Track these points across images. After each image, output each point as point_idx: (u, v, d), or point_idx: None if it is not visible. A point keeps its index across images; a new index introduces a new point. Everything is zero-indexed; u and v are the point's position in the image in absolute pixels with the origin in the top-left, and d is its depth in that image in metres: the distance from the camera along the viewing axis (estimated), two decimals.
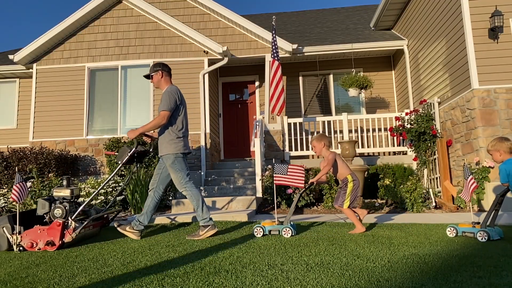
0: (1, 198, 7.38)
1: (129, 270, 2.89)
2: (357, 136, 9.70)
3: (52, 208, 4.14)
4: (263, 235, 4.16)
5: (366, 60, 10.74)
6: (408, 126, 7.88)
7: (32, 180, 7.18)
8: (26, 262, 3.37)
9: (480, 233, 3.65)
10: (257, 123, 8.49)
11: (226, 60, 9.34)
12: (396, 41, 9.82)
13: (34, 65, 9.65)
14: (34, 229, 3.97)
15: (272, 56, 8.88)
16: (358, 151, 8.79)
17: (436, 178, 7.47)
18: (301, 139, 9.34)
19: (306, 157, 9.29)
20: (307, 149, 9.09)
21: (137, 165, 4.63)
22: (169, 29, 9.53)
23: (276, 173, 4.35)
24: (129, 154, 4.36)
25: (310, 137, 8.86)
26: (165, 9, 9.70)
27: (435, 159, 7.56)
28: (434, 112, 7.94)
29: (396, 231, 4.28)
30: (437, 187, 7.37)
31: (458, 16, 6.95)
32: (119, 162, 4.39)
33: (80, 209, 4.15)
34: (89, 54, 9.62)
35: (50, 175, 7.76)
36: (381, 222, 5.12)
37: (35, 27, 49.92)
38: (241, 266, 2.83)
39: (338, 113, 10.45)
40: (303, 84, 10.97)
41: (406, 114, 8.07)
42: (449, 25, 7.36)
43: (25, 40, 46.94)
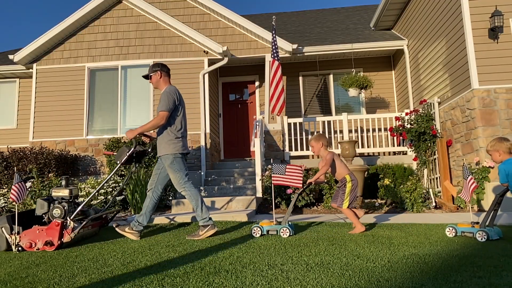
0: (1, 198, 7.38)
1: (129, 270, 2.89)
2: (357, 136, 9.70)
3: (51, 208, 4.13)
4: (262, 235, 4.16)
5: (366, 60, 10.74)
6: (408, 126, 7.88)
7: (32, 180, 7.18)
8: (26, 262, 3.37)
9: (479, 233, 3.65)
10: (257, 123, 8.49)
11: (226, 60, 9.35)
12: (396, 41, 9.82)
13: (34, 65, 9.65)
14: (33, 229, 3.97)
15: (272, 56, 8.88)
16: (358, 151, 8.79)
17: (436, 178, 7.48)
18: (301, 139, 9.33)
19: (306, 157, 9.29)
20: (307, 149, 9.08)
21: (136, 165, 4.64)
22: (169, 29, 9.54)
23: (274, 173, 4.35)
24: (127, 154, 4.37)
25: (310, 137, 8.86)
26: (165, 9, 9.70)
27: (435, 159, 7.56)
28: (434, 112, 7.94)
29: (396, 231, 4.28)
30: (437, 187, 7.37)
31: (458, 16, 6.95)
32: (118, 162, 4.39)
33: (79, 209, 4.15)
34: (89, 54, 9.62)
35: (50, 175, 7.76)
36: (381, 222, 5.12)
37: (35, 27, 49.95)
38: (241, 266, 2.83)
39: (338, 113, 10.45)
40: (303, 84, 10.97)
41: (406, 114, 8.07)
42: (449, 25, 7.36)
43: (25, 40, 46.96)
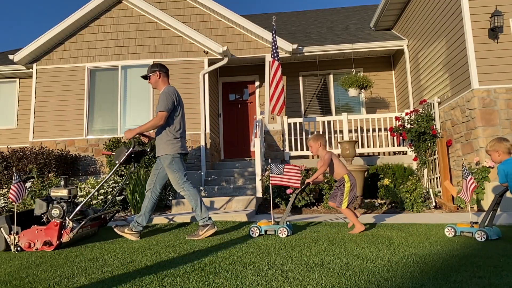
0: (1, 198, 7.38)
1: (129, 270, 2.89)
2: (357, 136, 9.70)
3: (49, 208, 4.13)
4: (260, 235, 4.17)
5: (366, 60, 10.74)
6: (408, 126, 7.87)
7: (32, 180, 7.18)
8: (26, 262, 3.37)
9: (478, 233, 3.66)
10: (257, 123, 8.49)
11: (226, 60, 9.34)
12: (396, 41, 9.82)
13: (34, 65, 9.65)
14: (31, 229, 3.96)
15: (272, 56, 8.88)
16: (358, 151, 8.79)
17: (436, 178, 7.47)
18: (301, 139, 9.33)
19: (306, 157, 9.29)
20: (307, 149, 9.07)
21: (135, 165, 4.65)
22: (169, 29, 9.53)
23: (272, 173, 4.36)
24: (126, 154, 4.37)
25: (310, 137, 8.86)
26: (165, 9, 9.70)
27: (435, 159, 7.56)
28: (434, 112, 7.94)
29: (396, 231, 4.28)
30: (437, 187, 7.37)
31: (458, 16, 6.95)
32: (117, 162, 4.40)
33: (78, 209, 4.15)
34: (89, 54, 9.62)
35: (50, 175, 7.76)
36: (381, 222, 5.12)
37: (35, 27, 49.96)
38: (241, 266, 2.83)
39: (338, 113, 10.45)
40: (303, 84, 10.97)
41: (406, 114, 8.07)
42: (449, 25, 7.36)
43: (25, 40, 46.98)
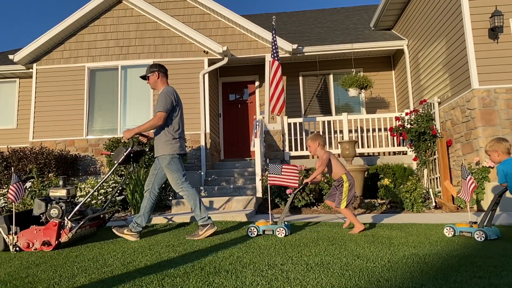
0: (1, 198, 7.38)
1: (129, 270, 2.89)
2: (357, 136, 9.70)
3: (48, 208, 4.13)
4: (258, 235, 4.17)
5: (366, 60, 10.74)
6: (408, 126, 7.87)
7: (32, 180, 7.18)
8: (26, 262, 3.37)
9: (477, 233, 3.67)
10: (257, 123, 8.49)
11: (226, 60, 9.34)
12: (396, 41, 9.82)
13: (34, 65, 9.65)
14: (30, 229, 3.96)
15: (272, 56, 8.88)
16: (358, 151, 8.79)
17: (436, 178, 7.47)
18: (301, 139, 9.33)
19: (306, 157, 9.29)
20: (307, 149, 9.03)
21: (134, 165, 4.64)
22: (169, 29, 9.53)
23: (270, 173, 4.37)
24: (125, 154, 4.36)
25: None
26: (165, 9, 9.70)
27: (435, 159, 7.56)
28: (434, 112, 7.94)
29: (396, 231, 4.28)
30: (437, 187, 7.37)
31: (458, 16, 6.95)
32: (115, 162, 4.40)
33: (76, 209, 4.15)
34: (89, 54, 9.62)
35: (50, 175, 7.76)
36: (381, 222, 5.12)
37: (35, 27, 49.96)
38: (241, 266, 2.83)
39: (338, 113, 10.44)
40: (303, 84, 10.97)
41: (406, 114, 8.07)
42: (449, 25, 7.36)
43: (25, 40, 46.98)
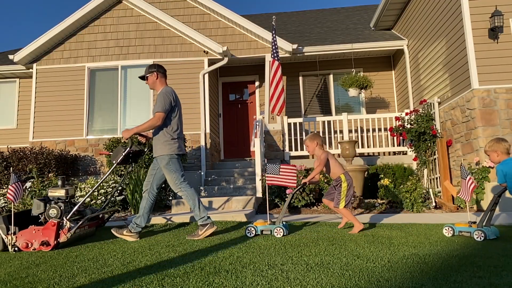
0: (1, 198, 7.38)
1: (129, 270, 2.89)
2: (357, 136, 9.70)
3: (47, 208, 4.13)
4: (256, 235, 4.17)
5: (366, 60, 10.74)
6: (408, 126, 7.87)
7: (32, 180, 7.18)
8: (26, 262, 3.37)
9: (477, 233, 3.68)
10: (257, 123, 8.49)
11: (226, 60, 9.34)
12: (396, 41, 9.82)
13: (34, 65, 9.65)
14: (29, 230, 3.96)
15: (272, 56, 8.88)
16: (358, 151, 8.79)
17: (436, 178, 7.47)
18: (301, 139, 9.32)
19: (306, 157, 9.28)
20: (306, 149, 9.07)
21: (133, 165, 4.64)
22: (169, 29, 9.53)
23: (268, 173, 4.36)
24: (123, 154, 4.35)
25: None
26: (165, 9, 9.70)
27: (435, 159, 7.56)
28: (434, 112, 7.94)
29: (396, 231, 4.28)
30: (437, 187, 7.37)
31: (458, 16, 6.95)
32: (114, 162, 4.39)
33: (75, 209, 4.15)
34: (89, 54, 9.62)
35: (50, 175, 7.76)
36: (381, 222, 5.12)
37: (35, 27, 49.96)
38: (241, 266, 2.83)
39: (338, 113, 10.45)
40: (303, 84, 10.97)
41: (406, 114, 8.07)
42: (449, 25, 7.36)
43: (25, 40, 46.99)
